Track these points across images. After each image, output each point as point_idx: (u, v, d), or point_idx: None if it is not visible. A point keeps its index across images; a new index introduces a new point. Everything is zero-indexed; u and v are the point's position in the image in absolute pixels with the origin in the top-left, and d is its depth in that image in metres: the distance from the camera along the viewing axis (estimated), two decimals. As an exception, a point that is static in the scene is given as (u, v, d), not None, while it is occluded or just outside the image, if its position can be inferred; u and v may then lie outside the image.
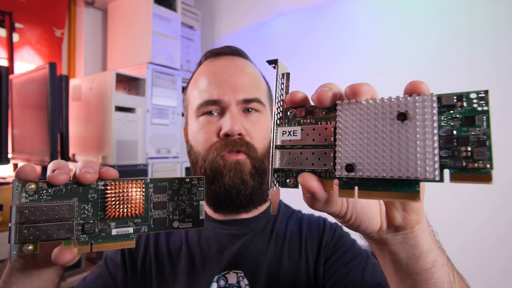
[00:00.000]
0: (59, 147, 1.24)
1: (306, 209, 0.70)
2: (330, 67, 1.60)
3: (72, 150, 1.49)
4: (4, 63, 1.51)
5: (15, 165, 1.47)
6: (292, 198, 0.66)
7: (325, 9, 1.64)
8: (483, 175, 0.22)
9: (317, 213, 0.68)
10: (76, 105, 1.53)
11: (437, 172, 0.22)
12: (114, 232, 0.34)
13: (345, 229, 0.66)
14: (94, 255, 1.42)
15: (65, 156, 1.29)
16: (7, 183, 1.24)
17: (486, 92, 0.22)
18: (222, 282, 0.59)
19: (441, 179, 0.23)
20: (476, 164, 0.22)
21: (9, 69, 1.34)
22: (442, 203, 1.10)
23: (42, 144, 1.22)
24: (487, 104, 0.22)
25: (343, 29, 1.58)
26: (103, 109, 1.40)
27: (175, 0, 1.74)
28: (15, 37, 1.55)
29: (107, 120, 1.38)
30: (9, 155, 1.34)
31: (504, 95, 1.14)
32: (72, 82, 1.56)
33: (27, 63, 1.59)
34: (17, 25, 1.55)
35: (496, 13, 1.18)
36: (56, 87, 1.18)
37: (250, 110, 0.64)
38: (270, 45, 1.83)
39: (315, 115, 0.29)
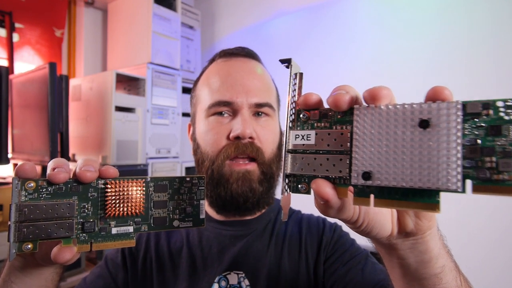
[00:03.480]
0: (59, 147, 1.23)
1: (305, 209, 0.70)
2: (331, 67, 1.60)
3: (72, 150, 1.48)
4: (4, 63, 1.50)
5: (15, 165, 1.46)
6: (295, 198, 0.66)
7: (325, 9, 1.64)
8: (508, 188, 0.21)
9: (316, 213, 0.68)
10: (76, 105, 1.52)
11: (460, 184, 0.21)
12: (114, 231, 0.34)
13: (345, 228, 0.66)
14: (94, 255, 1.41)
15: (65, 156, 1.29)
16: (7, 183, 1.23)
17: None
18: (223, 283, 0.59)
19: (463, 190, 0.22)
20: (501, 176, 0.21)
21: (9, 69, 1.34)
22: (442, 202, 1.10)
23: (42, 144, 1.21)
24: None
25: (343, 29, 1.58)
26: (103, 109, 1.39)
27: (175, 0, 1.73)
28: (15, 37, 1.54)
29: (107, 120, 1.37)
30: (9, 155, 1.33)
31: (504, 95, 1.14)
32: (72, 82, 1.55)
33: (27, 63, 1.58)
34: (17, 25, 1.54)
35: (496, 13, 1.18)
36: (56, 87, 1.18)
37: (260, 114, 0.63)
38: (270, 45, 1.83)
39: (329, 118, 0.28)
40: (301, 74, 0.31)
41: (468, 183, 0.22)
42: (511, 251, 1.13)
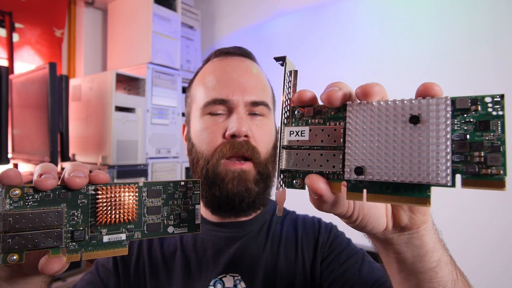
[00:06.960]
0: (59, 147, 1.23)
1: (300, 210, 0.70)
2: (330, 67, 1.60)
3: (72, 150, 1.49)
4: (4, 63, 1.50)
5: (15, 165, 1.47)
6: (289, 197, 0.66)
7: (325, 9, 1.64)
8: (496, 181, 0.21)
9: (311, 213, 0.68)
10: (76, 105, 1.52)
11: (449, 178, 0.22)
12: (105, 239, 0.33)
13: (340, 228, 0.66)
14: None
15: (65, 156, 1.29)
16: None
17: (502, 96, 0.21)
18: (219, 286, 0.58)
19: (453, 184, 0.22)
20: (489, 170, 0.21)
21: (9, 69, 1.34)
22: (443, 203, 1.10)
23: (42, 144, 1.21)
24: (502, 108, 0.21)
25: (343, 29, 1.58)
26: (103, 109, 1.39)
27: (175, 0, 1.73)
28: (15, 37, 1.54)
29: (107, 120, 1.38)
30: (9, 155, 1.33)
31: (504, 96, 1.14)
32: (72, 82, 1.56)
33: (27, 63, 1.58)
34: (17, 25, 1.55)
35: (496, 13, 1.18)
36: (56, 87, 1.18)
37: (256, 113, 0.62)
38: (270, 45, 1.83)
39: (323, 115, 0.29)
40: (295, 71, 0.31)
41: (458, 177, 0.22)
42: (511, 251, 1.13)
